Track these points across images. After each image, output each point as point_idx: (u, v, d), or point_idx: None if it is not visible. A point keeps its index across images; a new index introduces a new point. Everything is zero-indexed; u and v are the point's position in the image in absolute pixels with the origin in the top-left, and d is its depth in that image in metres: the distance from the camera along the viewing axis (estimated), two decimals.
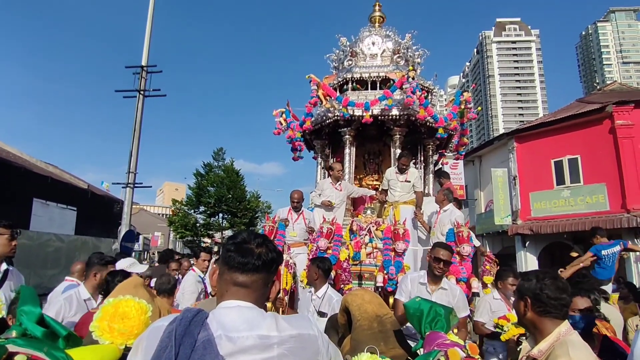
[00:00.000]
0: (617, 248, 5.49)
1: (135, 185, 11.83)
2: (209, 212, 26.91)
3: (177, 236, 26.58)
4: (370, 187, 7.22)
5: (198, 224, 27.74)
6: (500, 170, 16.67)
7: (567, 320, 1.77)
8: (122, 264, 3.55)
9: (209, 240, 27.08)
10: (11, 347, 1.14)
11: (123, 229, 11.39)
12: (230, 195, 26.46)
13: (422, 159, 7.35)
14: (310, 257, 4.54)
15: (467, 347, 1.46)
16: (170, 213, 40.46)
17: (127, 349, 1.43)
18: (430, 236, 5.31)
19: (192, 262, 6.19)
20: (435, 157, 7.71)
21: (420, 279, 3.43)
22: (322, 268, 3.75)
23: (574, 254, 6.32)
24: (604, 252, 5.44)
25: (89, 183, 24.55)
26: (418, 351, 1.77)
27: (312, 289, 3.77)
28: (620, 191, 13.80)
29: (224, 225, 27.12)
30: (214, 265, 5.01)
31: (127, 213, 11.49)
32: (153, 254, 34.15)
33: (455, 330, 2.74)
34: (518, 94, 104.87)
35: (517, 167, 16.46)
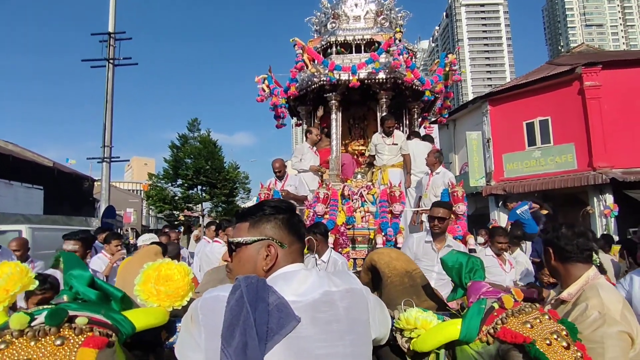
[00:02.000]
0: (526, 207, 6.12)
1: (112, 159, 11.37)
2: (187, 184, 26.36)
3: (156, 210, 25.97)
4: (356, 152, 7.24)
5: (177, 197, 27.15)
6: (474, 133, 17.05)
7: (594, 266, 1.86)
8: (143, 239, 3.67)
9: (189, 213, 26.66)
10: (71, 312, 1.10)
11: (102, 205, 11.04)
12: (208, 167, 25.88)
13: (406, 122, 7.39)
14: (307, 223, 4.55)
15: (513, 292, 1.49)
16: (142, 188, 39.40)
17: (172, 314, 1.41)
18: (423, 199, 5.42)
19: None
20: (419, 121, 7.76)
21: (426, 238, 3.54)
22: (320, 233, 3.76)
23: (544, 212, 6.68)
24: (518, 211, 6.04)
25: (54, 161, 23.50)
26: (453, 302, 1.82)
27: (316, 255, 3.79)
28: (588, 150, 14.42)
29: (203, 197, 26.68)
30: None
31: (105, 189, 11.08)
32: (126, 230, 33.43)
33: None
34: (486, 57, 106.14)
35: (490, 129, 16.85)
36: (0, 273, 1.24)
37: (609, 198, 13.82)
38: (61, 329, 1.03)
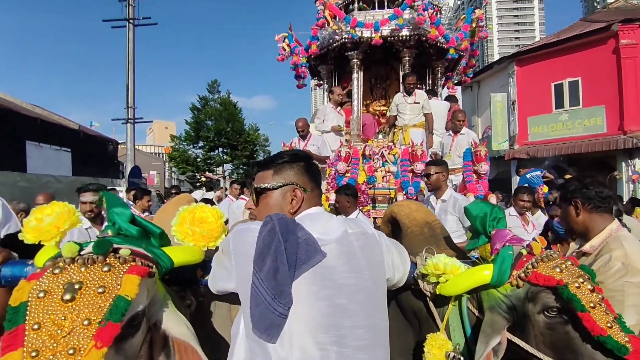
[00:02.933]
0: (538, 172, 6.32)
1: (136, 120, 11.53)
2: (208, 146, 26.56)
3: (179, 172, 26.44)
4: (377, 112, 7.15)
5: (198, 159, 27.39)
6: (499, 95, 16.51)
7: (617, 219, 1.86)
8: (196, 195, 3.81)
9: (210, 175, 27.07)
10: (115, 245, 1.19)
11: (128, 166, 11.33)
12: (229, 129, 25.91)
13: (429, 82, 7.21)
14: (329, 181, 4.60)
15: (537, 239, 1.53)
16: (164, 151, 40.04)
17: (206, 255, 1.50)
18: (446, 160, 5.37)
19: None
20: (442, 81, 7.55)
21: (432, 195, 3.86)
22: (352, 194, 3.88)
23: (568, 176, 6.57)
24: (528, 176, 6.24)
25: (79, 124, 23.98)
26: (472, 251, 1.85)
27: (342, 216, 3.89)
28: (619, 113, 13.83)
29: (224, 159, 26.92)
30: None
31: (130, 149, 11.34)
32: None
33: None
34: (515, 15, 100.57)
35: (516, 91, 16.27)
36: (51, 211, 1.33)
37: (638, 163, 13.37)
38: (107, 258, 1.13)
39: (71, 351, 0.94)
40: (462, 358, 1.60)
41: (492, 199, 4.43)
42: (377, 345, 1.18)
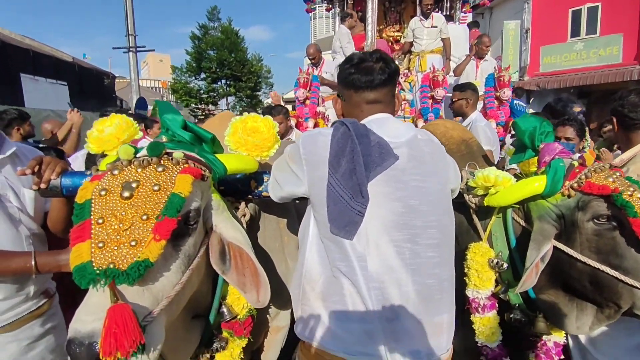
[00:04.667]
0: (523, 103, 6.16)
1: (138, 49, 11.02)
2: (210, 78, 25.62)
3: (183, 104, 25.69)
4: (391, 38, 6.84)
5: (201, 91, 26.46)
6: (512, 23, 15.72)
7: None
8: None
9: (213, 107, 26.37)
10: (168, 149, 1.21)
11: (134, 97, 11.05)
12: (232, 58, 24.69)
13: (447, 5, 6.81)
14: None
15: (588, 152, 1.53)
16: (161, 85, 38.92)
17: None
18: None
19: None
20: (460, 3, 7.10)
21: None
22: None
23: (577, 109, 6.40)
24: (515, 102, 6.01)
25: (72, 56, 23.07)
26: (515, 165, 1.85)
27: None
28: (637, 42, 13.25)
29: (228, 91, 26.08)
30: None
31: (134, 80, 11.00)
32: None
33: None
34: None
35: (531, 18, 15.46)
36: (110, 123, 1.36)
37: None
38: (161, 160, 1.17)
39: (133, 243, 1.02)
40: (505, 264, 1.67)
41: None
42: (446, 245, 1.22)
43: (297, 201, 1.42)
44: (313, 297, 1.15)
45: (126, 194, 1.08)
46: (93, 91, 21.85)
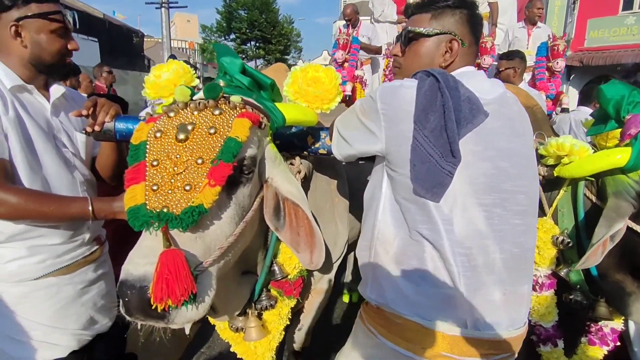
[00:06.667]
0: None
1: (171, 5, 10.84)
2: (240, 39, 25.36)
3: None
4: None
5: None
6: None
7: None
8: None
9: None
10: (225, 94, 1.16)
11: (165, 55, 11.00)
12: (262, 19, 24.37)
13: None
14: (387, 72, 4.32)
15: None
16: (188, 46, 38.77)
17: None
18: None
19: None
20: None
21: None
22: None
23: None
24: None
25: (103, 12, 23.02)
26: (596, 138, 1.68)
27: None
28: None
29: (257, 52, 25.81)
30: None
31: (166, 37, 10.90)
32: None
33: None
34: None
35: None
36: (167, 69, 1.31)
37: None
38: (218, 103, 1.12)
39: (187, 187, 0.98)
40: (570, 241, 1.56)
41: (565, 98, 4.10)
42: (531, 212, 1.14)
43: (361, 161, 1.32)
44: (387, 259, 1.09)
45: (181, 136, 1.04)
46: (122, 49, 21.90)
